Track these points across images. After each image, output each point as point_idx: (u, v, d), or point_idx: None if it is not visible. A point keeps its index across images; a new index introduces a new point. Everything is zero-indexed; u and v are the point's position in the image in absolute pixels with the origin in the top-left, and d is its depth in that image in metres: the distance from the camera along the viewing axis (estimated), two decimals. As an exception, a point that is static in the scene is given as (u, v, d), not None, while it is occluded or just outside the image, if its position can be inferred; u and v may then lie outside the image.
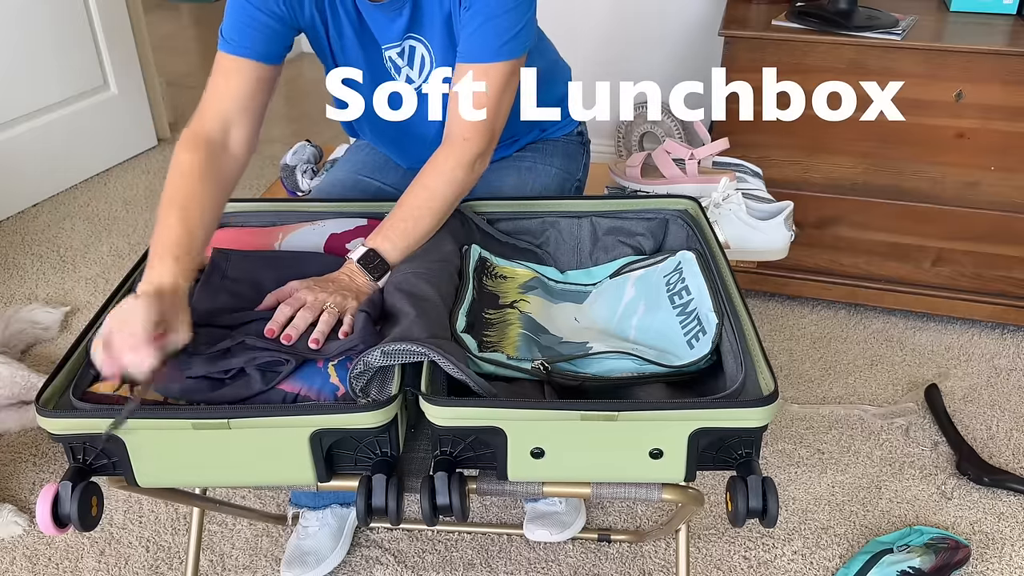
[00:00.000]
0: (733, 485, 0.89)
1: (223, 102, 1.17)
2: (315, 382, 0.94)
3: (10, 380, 1.82)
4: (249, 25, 1.16)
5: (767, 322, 2.16)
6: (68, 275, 2.39)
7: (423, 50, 1.26)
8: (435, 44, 1.25)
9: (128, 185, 2.88)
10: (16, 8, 2.58)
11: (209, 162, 1.12)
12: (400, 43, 1.26)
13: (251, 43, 1.16)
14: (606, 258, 1.24)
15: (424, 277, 1.06)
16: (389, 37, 1.25)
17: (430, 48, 1.26)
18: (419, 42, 1.26)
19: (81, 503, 0.88)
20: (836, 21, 1.87)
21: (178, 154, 1.12)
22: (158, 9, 4.73)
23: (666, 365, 0.99)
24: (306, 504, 1.54)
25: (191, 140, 1.14)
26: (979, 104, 1.84)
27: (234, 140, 1.17)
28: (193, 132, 1.15)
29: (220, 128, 1.16)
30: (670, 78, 1.71)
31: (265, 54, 1.18)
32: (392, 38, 1.25)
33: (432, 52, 1.26)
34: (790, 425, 1.84)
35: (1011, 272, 2.01)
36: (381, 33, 1.25)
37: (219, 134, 1.16)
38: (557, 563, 1.55)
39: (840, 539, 1.59)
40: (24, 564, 1.55)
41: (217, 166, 1.13)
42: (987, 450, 1.77)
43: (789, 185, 2.02)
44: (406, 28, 1.24)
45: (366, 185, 1.45)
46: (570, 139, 1.52)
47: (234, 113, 1.17)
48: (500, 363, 0.98)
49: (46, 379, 0.93)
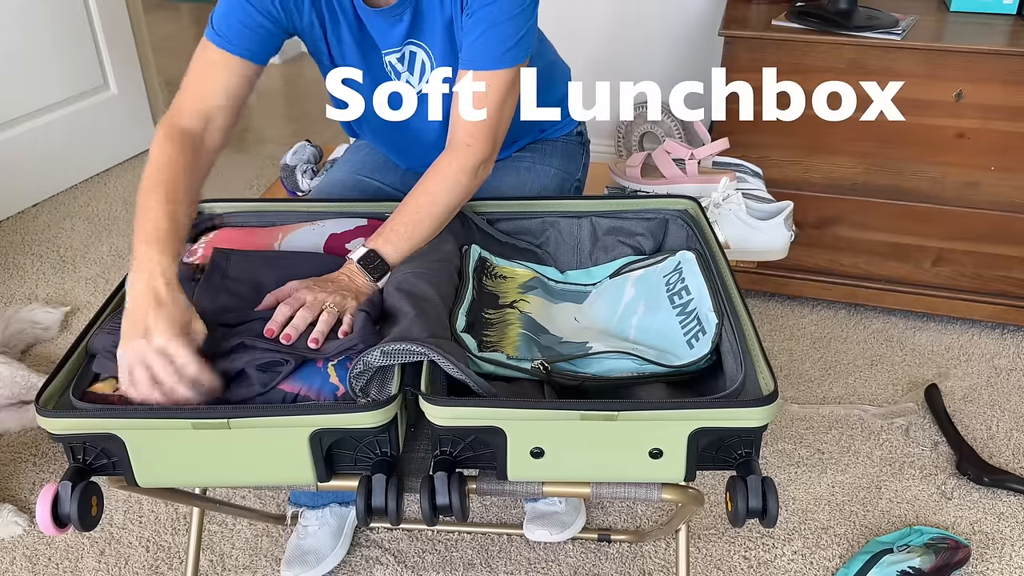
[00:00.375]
0: (733, 485, 0.89)
1: (206, 96, 1.17)
2: (315, 382, 0.94)
3: (10, 380, 1.82)
4: (243, 23, 1.16)
5: (767, 322, 2.16)
6: (68, 275, 2.40)
7: (423, 56, 1.26)
8: (436, 50, 1.25)
9: (128, 185, 2.88)
10: (16, 8, 2.58)
11: (187, 155, 1.13)
12: (400, 48, 1.26)
13: (241, 40, 1.16)
14: (606, 258, 1.24)
15: (424, 277, 1.06)
16: (389, 43, 1.25)
17: (431, 54, 1.26)
18: (420, 48, 1.26)
19: (81, 503, 0.88)
20: (836, 21, 1.87)
21: (158, 144, 1.12)
22: (158, 9, 4.73)
23: (666, 365, 0.99)
24: (305, 503, 1.54)
25: (169, 132, 1.14)
26: (979, 104, 1.84)
27: (211, 135, 1.17)
28: (172, 123, 1.15)
29: (200, 121, 1.16)
30: (670, 78, 1.71)
31: (255, 53, 1.18)
32: (392, 43, 1.25)
33: (432, 58, 1.26)
34: (790, 425, 1.84)
35: (1011, 272, 2.01)
36: (381, 39, 1.25)
37: (198, 127, 1.16)
38: (557, 563, 1.55)
39: (840, 539, 1.59)
40: (24, 564, 1.55)
41: (194, 159, 1.14)
42: (987, 450, 1.77)
43: (789, 185, 2.02)
44: (406, 34, 1.24)
45: (366, 185, 1.45)
46: (569, 139, 1.52)
47: (215, 109, 1.17)
48: (500, 363, 0.98)
49: (46, 379, 0.93)
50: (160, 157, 1.11)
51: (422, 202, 1.14)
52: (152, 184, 1.07)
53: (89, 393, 0.93)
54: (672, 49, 2.52)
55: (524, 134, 1.47)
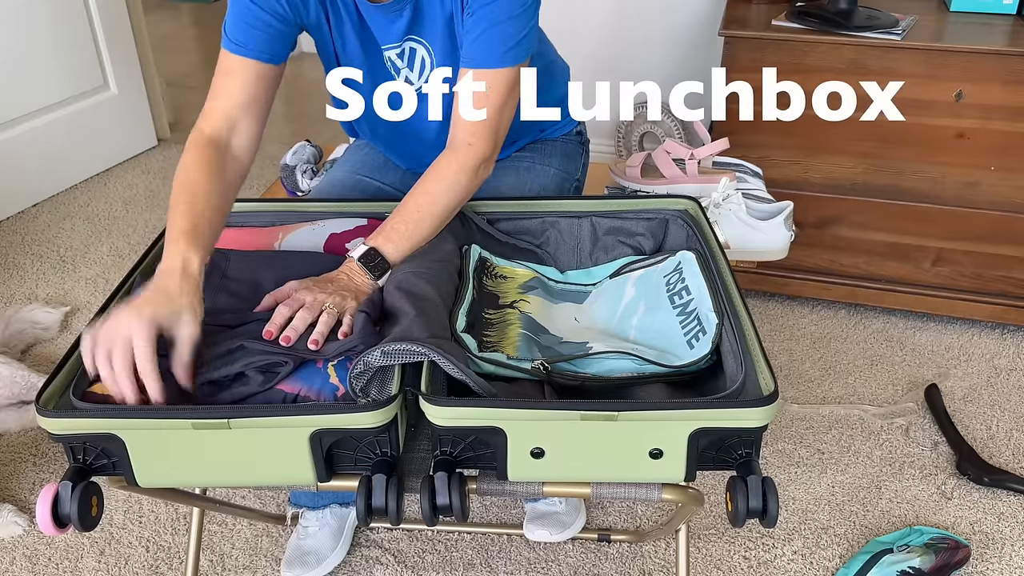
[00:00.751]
0: (733, 485, 0.89)
1: (227, 102, 1.17)
2: (315, 382, 0.94)
3: (10, 380, 1.82)
4: (252, 24, 1.16)
5: (767, 322, 2.16)
6: (68, 275, 2.39)
7: (423, 52, 1.26)
8: (436, 46, 1.25)
9: (128, 185, 2.88)
10: (16, 8, 2.58)
11: (214, 161, 1.13)
12: (400, 44, 1.26)
13: (254, 42, 1.16)
14: (606, 258, 1.24)
15: (424, 277, 1.06)
16: (389, 38, 1.25)
17: (431, 50, 1.26)
18: (419, 44, 1.26)
19: (81, 503, 0.88)
20: (836, 21, 1.87)
21: (184, 155, 1.13)
22: (158, 9, 4.73)
23: (666, 365, 0.99)
24: (305, 504, 1.54)
25: (197, 141, 1.14)
26: (979, 104, 1.84)
27: (237, 140, 1.17)
28: (199, 133, 1.16)
29: (224, 128, 1.16)
30: (670, 78, 1.71)
31: (269, 53, 1.18)
32: (392, 39, 1.25)
33: (432, 54, 1.26)
34: (790, 425, 1.84)
35: (1011, 272, 2.01)
36: (381, 34, 1.25)
37: (223, 134, 1.16)
38: (557, 563, 1.55)
39: (840, 539, 1.59)
40: (24, 564, 1.55)
41: (222, 166, 1.14)
42: (987, 450, 1.77)
43: (789, 185, 2.02)
44: (406, 29, 1.24)
45: (366, 185, 1.45)
46: (569, 139, 1.52)
47: (238, 112, 1.17)
48: (500, 363, 0.98)
49: (46, 379, 0.93)
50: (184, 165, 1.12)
51: (422, 201, 1.14)
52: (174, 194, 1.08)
53: (89, 393, 0.93)
54: (672, 49, 2.52)
55: (524, 134, 1.47)
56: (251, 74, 1.17)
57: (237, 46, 1.16)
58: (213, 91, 1.18)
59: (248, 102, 1.17)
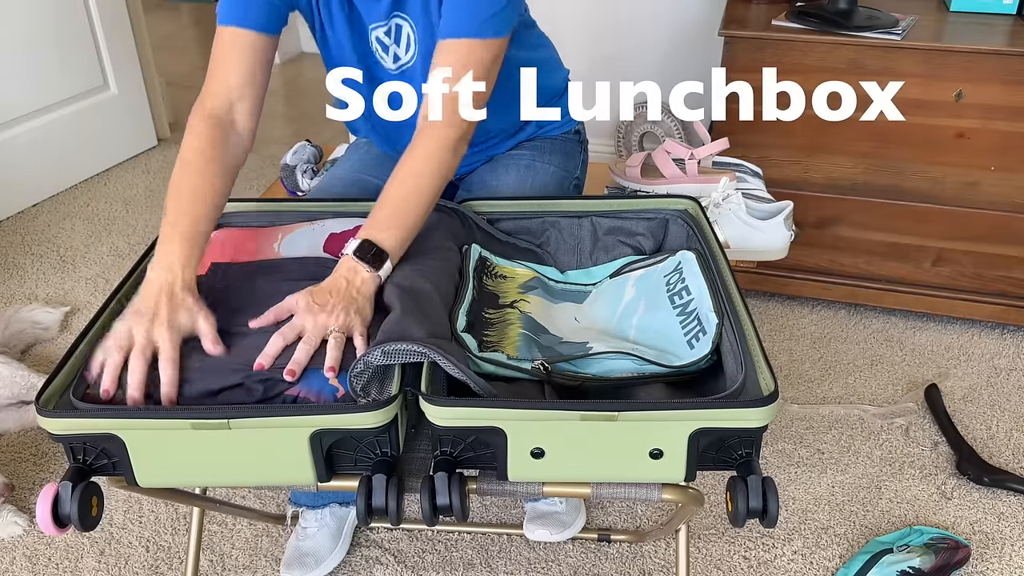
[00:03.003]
0: (733, 485, 0.89)
1: (227, 77, 1.18)
2: (315, 384, 0.94)
3: (10, 380, 1.82)
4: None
5: (767, 322, 2.16)
6: (68, 275, 2.39)
7: (408, 28, 1.27)
8: (418, 23, 1.26)
9: (128, 185, 2.88)
10: (16, 8, 2.58)
11: (217, 142, 1.15)
12: (387, 22, 1.27)
13: (247, 12, 1.18)
14: (606, 258, 1.24)
15: (424, 276, 1.06)
16: (375, 16, 1.27)
17: (414, 27, 1.26)
18: (405, 21, 1.26)
19: (81, 503, 0.88)
20: (836, 21, 1.87)
21: (187, 135, 1.15)
22: (158, 9, 4.73)
23: (666, 365, 0.99)
24: (306, 504, 1.54)
25: (199, 120, 1.16)
26: (979, 104, 1.84)
27: (239, 116, 1.19)
28: (201, 109, 1.17)
29: (225, 104, 1.18)
30: (670, 78, 1.71)
31: (264, 24, 1.19)
32: (378, 17, 1.27)
33: (415, 30, 1.27)
34: (790, 425, 1.84)
35: (1011, 272, 2.01)
36: (368, 12, 1.26)
37: (225, 110, 1.18)
38: (557, 563, 1.55)
39: (840, 539, 1.59)
40: (24, 564, 1.55)
41: (224, 146, 1.16)
42: (987, 450, 1.77)
43: (789, 185, 2.02)
44: (391, 6, 1.25)
45: (366, 184, 1.45)
46: (568, 137, 1.52)
47: (237, 87, 1.18)
48: (500, 363, 0.98)
49: (46, 379, 0.93)
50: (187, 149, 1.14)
51: (407, 184, 1.12)
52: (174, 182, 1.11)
53: (90, 393, 0.93)
54: (672, 49, 2.52)
55: (522, 128, 1.47)
56: (248, 47, 1.18)
57: (234, 18, 1.18)
58: (212, 69, 1.19)
59: (247, 76, 1.19)
